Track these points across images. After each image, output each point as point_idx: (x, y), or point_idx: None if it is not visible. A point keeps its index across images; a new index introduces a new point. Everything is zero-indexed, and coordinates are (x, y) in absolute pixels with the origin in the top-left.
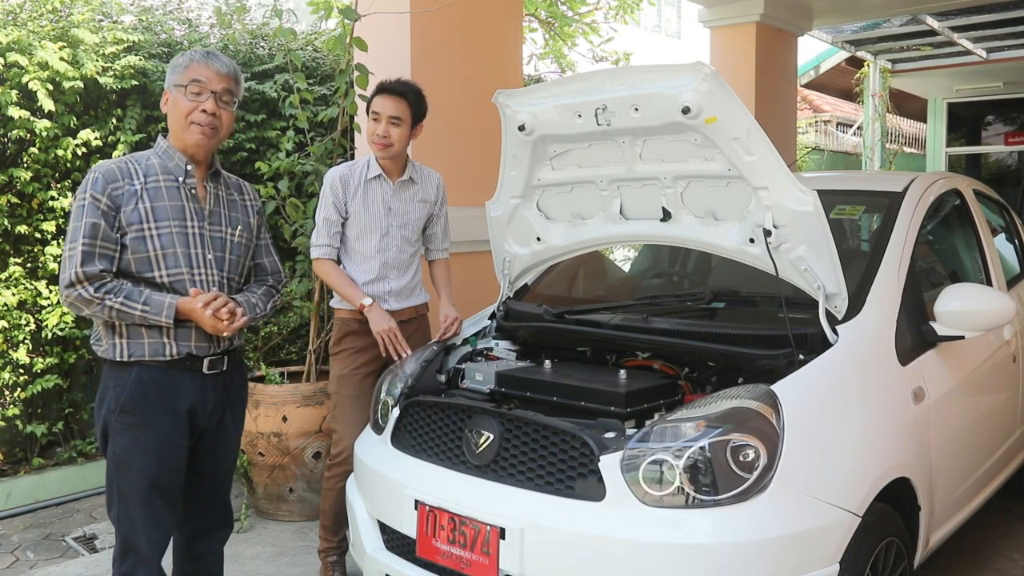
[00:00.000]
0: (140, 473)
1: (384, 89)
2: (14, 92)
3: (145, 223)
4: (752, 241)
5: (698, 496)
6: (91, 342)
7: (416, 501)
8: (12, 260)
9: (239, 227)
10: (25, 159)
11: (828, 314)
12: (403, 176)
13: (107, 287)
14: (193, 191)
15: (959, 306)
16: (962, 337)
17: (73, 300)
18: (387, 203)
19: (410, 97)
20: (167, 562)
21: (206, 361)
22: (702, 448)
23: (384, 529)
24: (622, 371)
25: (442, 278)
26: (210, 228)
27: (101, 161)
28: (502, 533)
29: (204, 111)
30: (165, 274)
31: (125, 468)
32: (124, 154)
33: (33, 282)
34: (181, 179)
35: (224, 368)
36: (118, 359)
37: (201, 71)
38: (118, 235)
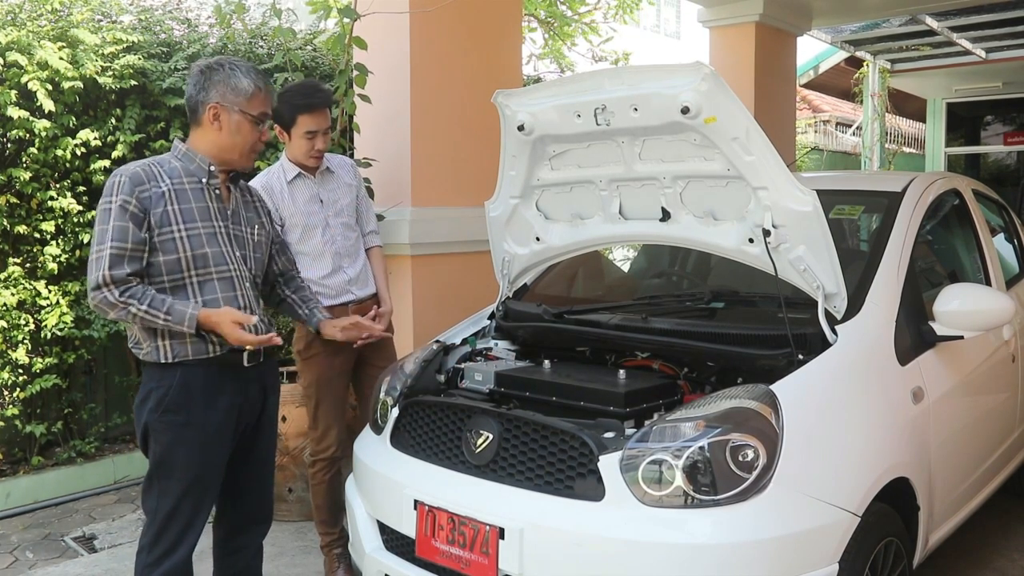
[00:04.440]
0: (184, 471)
1: (313, 106)
2: (13, 92)
3: (175, 225)
4: (751, 241)
5: (697, 496)
6: (130, 346)
7: (415, 501)
8: (11, 260)
9: (255, 226)
10: (24, 159)
11: (827, 314)
12: (321, 167)
13: (131, 291)
14: (217, 191)
15: (958, 306)
16: (961, 337)
17: (99, 303)
18: (316, 196)
19: (330, 103)
20: (197, 555)
21: (245, 355)
22: (701, 448)
23: (383, 529)
24: (621, 371)
25: (379, 269)
26: (233, 227)
27: (124, 165)
28: (501, 533)
29: (264, 140)
30: (195, 275)
31: (168, 466)
32: (124, 154)
33: (32, 282)
34: (205, 180)
35: (261, 360)
36: (162, 361)
37: (267, 105)
38: (146, 236)
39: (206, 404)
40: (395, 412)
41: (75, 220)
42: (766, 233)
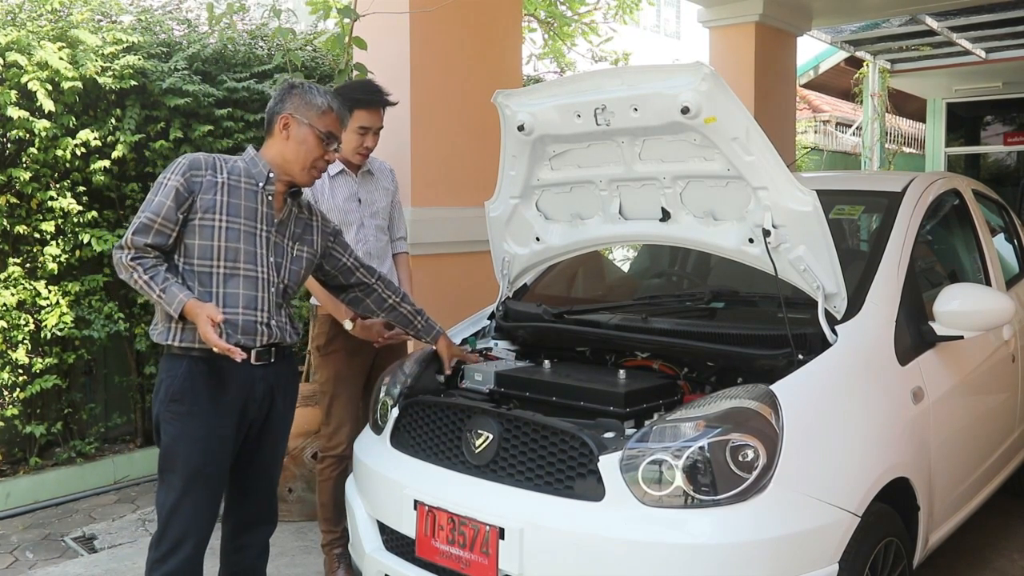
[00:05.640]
0: (185, 462)
1: (372, 103)
2: (13, 92)
3: (217, 213)
4: (751, 241)
5: (697, 496)
6: (149, 329)
7: (415, 501)
8: (11, 260)
9: (299, 242)
10: (24, 159)
11: (827, 314)
12: (364, 168)
13: (141, 260)
14: (270, 198)
15: (958, 306)
16: (961, 337)
17: (116, 261)
18: (356, 195)
19: (386, 104)
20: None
21: (253, 352)
22: (701, 448)
23: (383, 529)
24: (621, 371)
25: (405, 275)
26: (276, 235)
27: (192, 153)
28: (501, 533)
29: (327, 160)
30: (223, 266)
31: (172, 457)
32: (123, 154)
33: (32, 282)
34: (261, 185)
35: (272, 360)
36: (169, 342)
37: (336, 126)
38: (182, 216)
39: (210, 397)
40: (395, 412)
41: (75, 220)
42: (766, 233)
